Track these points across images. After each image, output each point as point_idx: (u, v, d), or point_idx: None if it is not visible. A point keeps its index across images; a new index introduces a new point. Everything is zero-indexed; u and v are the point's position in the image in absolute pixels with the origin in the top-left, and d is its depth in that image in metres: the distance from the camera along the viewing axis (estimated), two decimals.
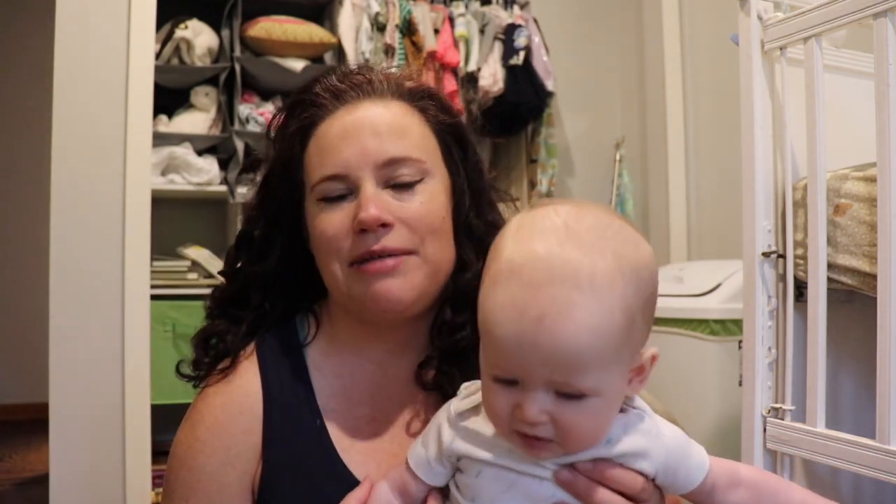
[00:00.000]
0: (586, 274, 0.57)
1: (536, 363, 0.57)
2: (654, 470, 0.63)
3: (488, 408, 0.63)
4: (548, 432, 0.59)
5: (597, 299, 0.56)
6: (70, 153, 2.17)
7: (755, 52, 1.20)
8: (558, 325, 0.55)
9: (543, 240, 0.59)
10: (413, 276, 0.75)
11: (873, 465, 1.02)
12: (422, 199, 0.77)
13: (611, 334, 0.57)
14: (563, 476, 0.62)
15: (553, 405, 0.58)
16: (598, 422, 0.60)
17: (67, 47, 2.18)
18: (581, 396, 0.58)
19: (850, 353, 1.25)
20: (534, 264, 0.58)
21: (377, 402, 0.82)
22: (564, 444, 0.60)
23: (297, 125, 0.80)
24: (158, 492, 2.31)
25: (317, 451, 0.78)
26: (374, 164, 0.75)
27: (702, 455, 0.65)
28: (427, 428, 0.70)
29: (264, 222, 0.84)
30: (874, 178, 1.04)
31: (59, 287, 2.15)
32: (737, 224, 1.24)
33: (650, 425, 0.64)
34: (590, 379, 0.57)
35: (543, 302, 0.56)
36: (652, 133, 2.97)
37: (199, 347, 0.84)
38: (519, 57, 2.73)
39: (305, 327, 0.85)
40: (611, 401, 0.60)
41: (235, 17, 2.55)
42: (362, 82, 0.81)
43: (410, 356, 0.83)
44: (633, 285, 0.59)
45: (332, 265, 0.77)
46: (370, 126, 0.77)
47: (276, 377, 0.81)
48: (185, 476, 0.78)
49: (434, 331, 0.82)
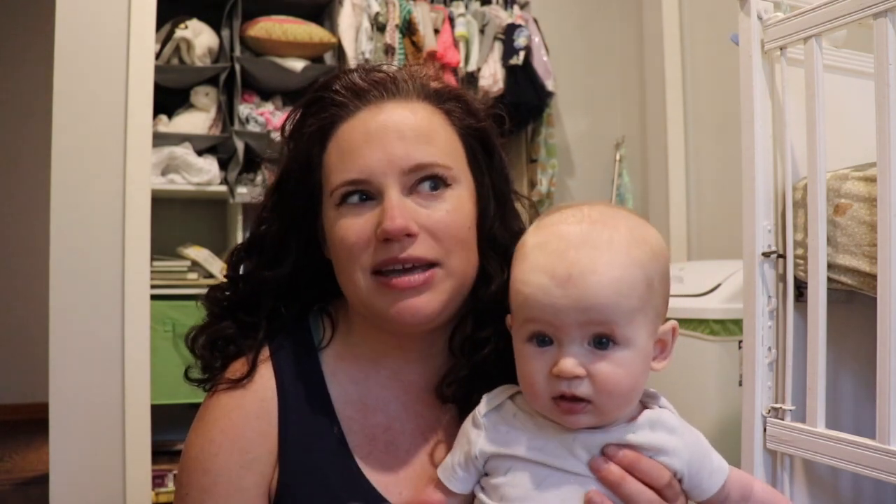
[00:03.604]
0: (605, 240, 0.64)
1: (570, 312, 0.62)
2: (680, 467, 0.65)
3: (524, 377, 0.66)
4: (585, 388, 0.62)
5: (616, 258, 0.63)
6: (70, 153, 2.17)
7: (755, 52, 1.20)
8: (585, 278, 0.62)
9: (563, 222, 0.66)
10: (439, 290, 0.73)
11: (873, 465, 1.02)
12: (447, 208, 0.74)
13: (632, 286, 0.63)
14: (597, 463, 0.64)
15: (588, 357, 0.62)
16: (631, 375, 0.63)
17: (67, 47, 2.18)
18: (613, 345, 0.62)
19: (850, 353, 1.25)
20: (557, 239, 0.65)
21: (392, 411, 0.80)
22: (600, 402, 0.62)
23: (317, 125, 0.76)
24: (158, 492, 2.31)
25: (335, 459, 0.76)
26: (399, 170, 0.72)
27: (721, 460, 0.67)
28: (455, 441, 0.71)
29: (279, 225, 0.80)
30: (874, 178, 1.04)
31: (59, 287, 2.15)
32: (737, 224, 1.24)
33: (676, 423, 0.66)
34: (619, 325, 0.62)
35: (569, 262, 0.62)
36: (652, 133, 2.96)
37: (207, 350, 0.81)
38: (519, 57, 2.73)
39: (320, 329, 0.83)
40: (641, 356, 0.64)
41: (235, 17, 2.55)
42: (386, 81, 0.77)
43: (427, 365, 0.81)
44: (647, 253, 0.65)
45: (354, 273, 0.74)
46: (395, 129, 0.73)
47: (292, 382, 0.78)
48: (199, 479, 0.75)
49: (457, 345, 0.79)
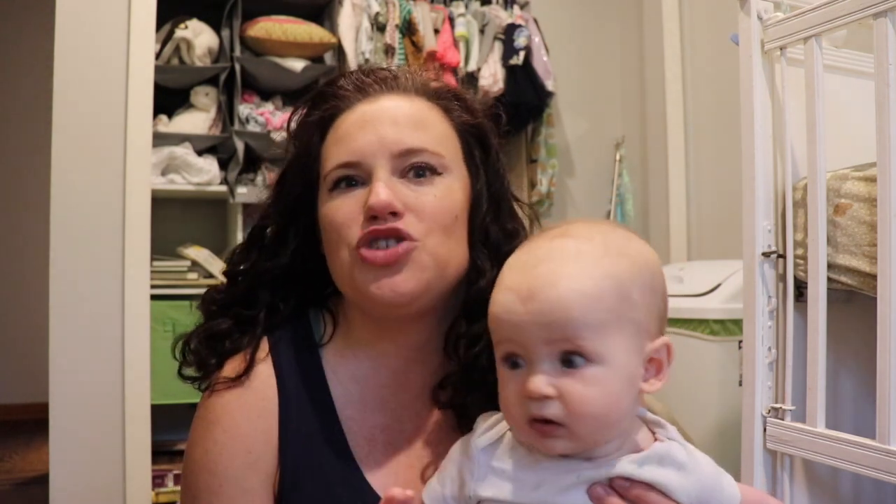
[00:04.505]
0: (572, 253, 0.61)
1: (533, 329, 0.59)
2: (687, 502, 0.62)
3: (502, 402, 0.63)
4: (555, 409, 0.58)
5: (582, 270, 0.60)
6: (70, 153, 2.17)
7: (755, 52, 1.20)
8: (545, 292, 0.59)
9: (539, 239, 0.66)
10: (417, 268, 0.73)
11: (873, 465, 1.02)
12: (436, 193, 0.74)
13: (599, 296, 0.59)
14: (597, 492, 0.60)
15: (559, 377, 0.59)
16: (606, 395, 0.58)
17: (67, 47, 2.18)
18: (586, 363, 0.58)
19: (850, 353, 1.25)
20: (527, 255, 0.64)
21: (392, 411, 0.80)
22: (573, 425, 0.58)
23: (318, 117, 0.79)
24: (158, 492, 2.31)
25: (335, 458, 0.76)
26: (389, 152, 0.73)
27: (733, 488, 0.64)
28: (443, 464, 0.68)
29: (278, 217, 0.81)
30: (874, 178, 1.04)
31: (59, 287, 2.14)
32: (737, 224, 1.24)
33: (684, 458, 0.62)
34: (587, 340, 0.58)
35: (531, 277, 0.61)
36: (652, 133, 2.96)
37: (202, 347, 0.80)
38: (519, 57, 2.73)
39: (321, 326, 0.82)
40: (619, 375, 0.59)
41: (235, 17, 2.55)
42: (387, 77, 0.80)
43: (426, 365, 0.81)
44: (623, 264, 0.61)
45: (340, 251, 0.74)
46: (389, 115, 0.75)
47: (292, 379, 0.78)
48: (206, 480, 0.74)
49: (450, 344, 0.79)
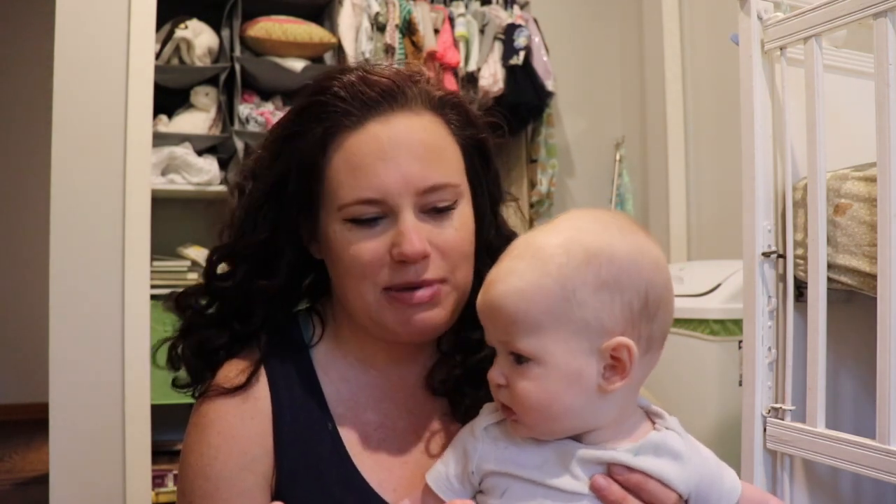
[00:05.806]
0: (533, 248, 0.63)
1: (485, 321, 0.65)
2: (686, 492, 0.63)
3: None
4: (505, 397, 0.63)
5: (531, 267, 0.61)
6: (70, 153, 2.16)
7: (755, 52, 1.20)
8: (492, 288, 0.63)
9: (530, 231, 0.67)
10: (446, 304, 0.75)
11: (873, 465, 1.02)
12: (455, 226, 0.75)
13: (537, 300, 0.60)
14: (599, 482, 0.61)
15: (509, 370, 0.63)
16: (546, 394, 0.61)
17: (67, 47, 2.18)
18: (528, 361, 0.61)
19: (850, 353, 1.25)
20: (510, 247, 0.66)
21: (384, 409, 0.81)
22: (521, 414, 0.62)
23: (321, 131, 0.74)
24: (158, 492, 2.31)
25: (331, 457, 0.76)
26: (414, 190, 0.72)
27: (734, 480, 0.65)
28: (448, 448, 0.70)
29: (271, 232, 0.77)
30: (874, 178, 1.04)
31: (59, 287, 2.14)
32: (737, 224, 1.24)
33: (682, 448, 0.63)
34: (525, 341, 0.61)
35: (494, 271, 0.64)
36: (652, 133, 2.96)
37: (197, 359, 0.80)
38: (519, 57, 2.73)
39: (310, 327, 0.83)
40: (559, 375, 0.60)
41: (235, 17, 2.55)
42: (393, 91, 0.74)
43: (416, 363, 0.82)
44: (581, 263, 0.60)
45: (363, 288, 0.74)
46: (408, 147, 0.72)
47: (284, 380, 0.79)
48: (202, 485, 0.75)
49: (445, 344, 0.81)
